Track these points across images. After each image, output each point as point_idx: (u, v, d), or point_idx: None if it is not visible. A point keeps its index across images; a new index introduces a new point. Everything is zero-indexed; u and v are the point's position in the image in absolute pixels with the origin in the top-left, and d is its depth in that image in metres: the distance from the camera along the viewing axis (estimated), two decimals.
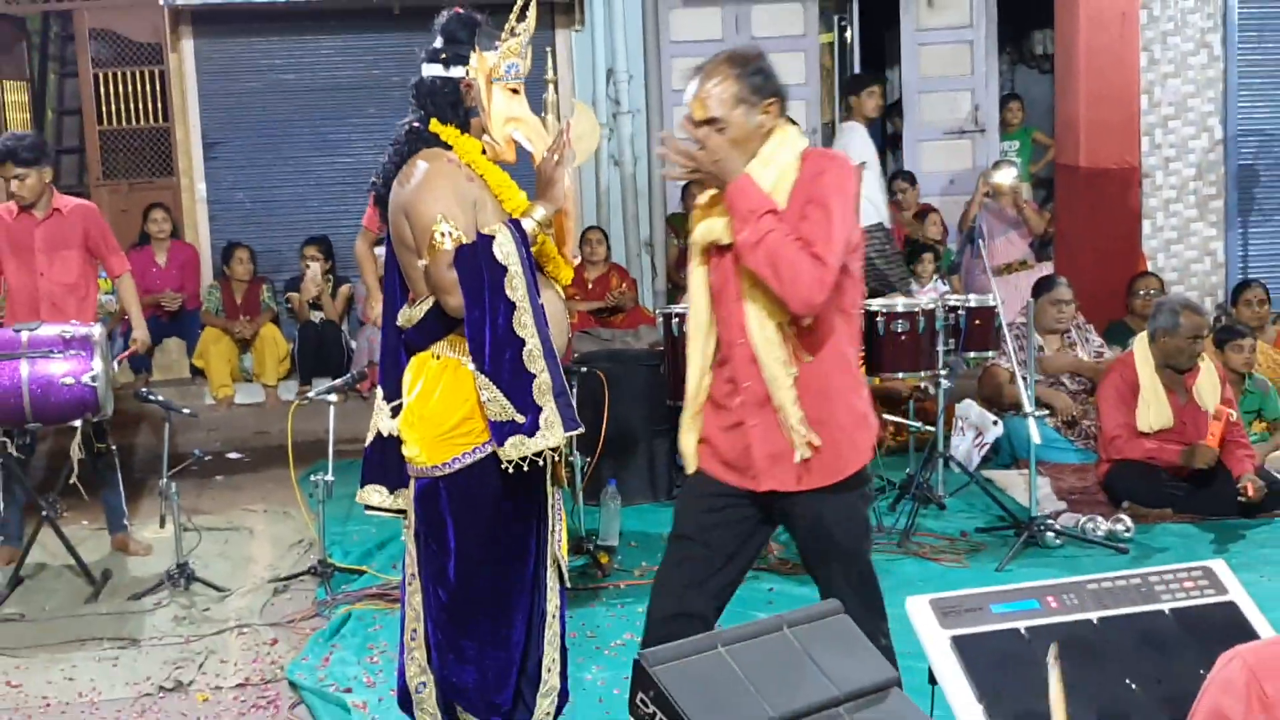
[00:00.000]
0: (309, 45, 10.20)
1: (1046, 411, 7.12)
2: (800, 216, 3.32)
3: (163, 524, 6.19)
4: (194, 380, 9.29)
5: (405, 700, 4.10)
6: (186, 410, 6.59)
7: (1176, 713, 1.49)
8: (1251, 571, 5.33)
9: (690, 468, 3.72)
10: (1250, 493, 6.39)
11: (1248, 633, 2.18)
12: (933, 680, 2.09)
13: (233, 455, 6.91)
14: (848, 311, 3.52)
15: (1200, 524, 6.45)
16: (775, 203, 3.34)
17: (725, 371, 3.53)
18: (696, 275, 3.61)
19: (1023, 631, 2.10)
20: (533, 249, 3.77)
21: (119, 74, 10.42)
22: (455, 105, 3.89)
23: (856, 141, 8.92)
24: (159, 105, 10.31)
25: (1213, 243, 10.70)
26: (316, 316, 9.30)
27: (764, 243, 3.28)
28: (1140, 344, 6.75)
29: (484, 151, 3.89)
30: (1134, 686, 1.92)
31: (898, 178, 10.53)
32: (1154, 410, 6.61)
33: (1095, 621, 2.19)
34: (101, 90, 10.41)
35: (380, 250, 5.48)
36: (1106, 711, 1.99)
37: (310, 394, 7.00)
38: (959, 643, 2.11)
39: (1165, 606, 2.23)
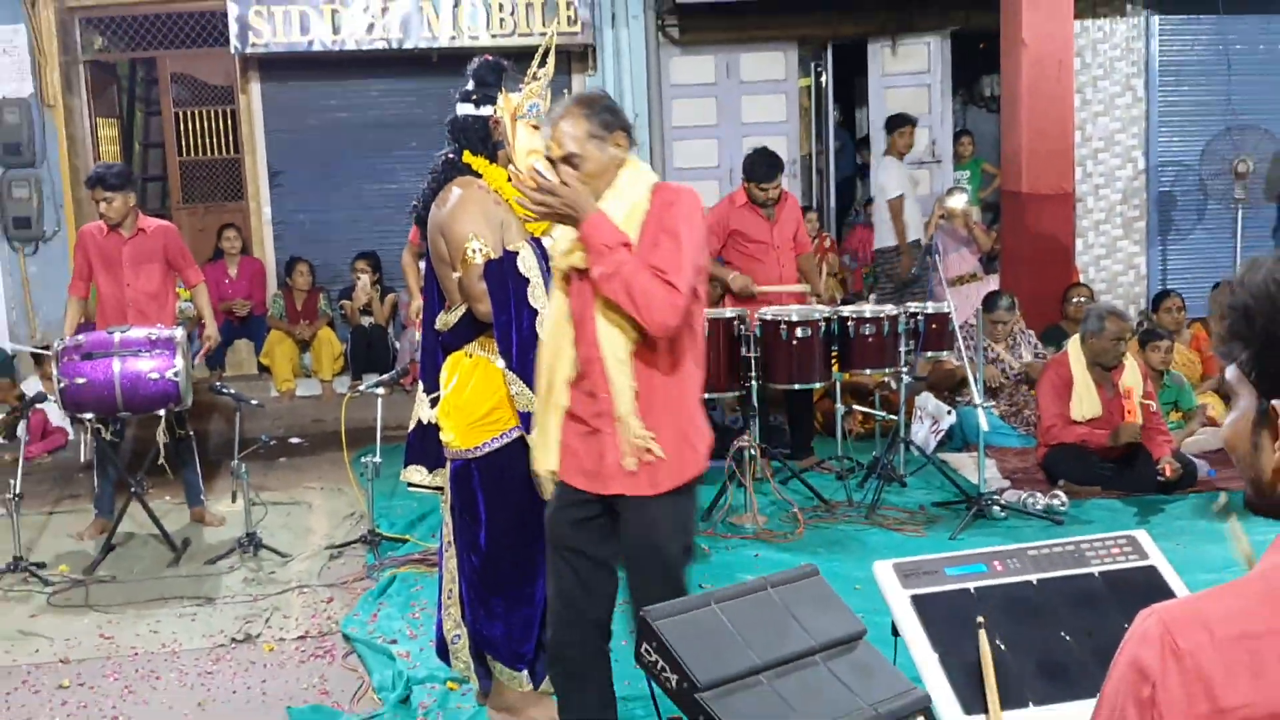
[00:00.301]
0: (360, 88, 10.19)
1: (993, 402, 7.12)
2: (653, 244, 3.18)
3: (234, 499, 6.19)
4: (260, 376, 9.30)
5: (443, 650, 4.12)
6: (254, 401, 6.60)
7: (1103, 661, 1.48)
8: (1169, 540, 5.31)
9: (548, 488, 3.40)
10: (1168, 473, 6.39)
11: (1165, 593, 2.17)
12: (895, 633, 2.08)
13: (294, 440, 6.92)
14: (695, 330, 3.34)
15: (1125, 499, 6.43)
16: (627, 236, 3.18)
17: (585, 385, 3.28)
18: (556, 297, 3.39)
19: (972, 591, 2.10)
20: (551, 263, 3.79)
21: (196, 112, 10.46)
22: (485, 139, 3.90)
23: (892, 173, 9.13)
24: (231, 139, 10.34)
25: (1136, 258, 10.67)
26: (366, 321, 9.30)
27: (619, 274, 3.12)
28: (1073, 345, 6.75)
29: (510, 179, 3.90)
30: (1067, 638, 1.92)
31: (869, 202, 10.55)
32: (1085, 402, 6.61)
33: (1034, 583, 2.18)
34: (181, 126, 10.44)
35: (422, 262, 5.52)
36: (1044, 660, 1.98)
37: (361, 388, 6.99)
38: (917, 600, 2.11)
39: (1095, 570, 2.22)
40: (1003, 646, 1.97)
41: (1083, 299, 8.38)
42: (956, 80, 10.97)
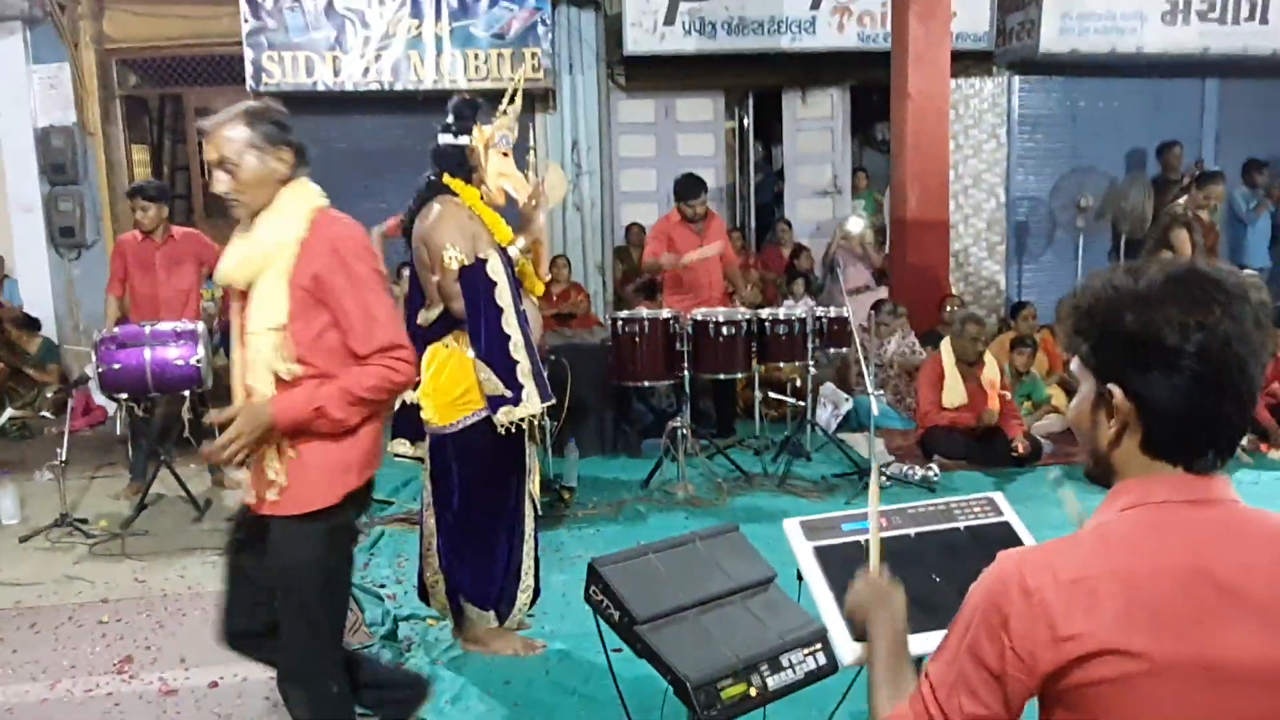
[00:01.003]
0: (355, 122, 10.08)
1: (882, 392, 7.20)
2: (345, 321, 2.66)
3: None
4: None
5: (423, 593, 4.11)
6: None
7: (964, 597, 1.52)
8: (1020, 503, 5.27)
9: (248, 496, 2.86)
10: (1020, 450, 6.51)
11: (1018, 544, 2.20)
12: (800, 578, 2.11)
13: None
14: (343, 357, 2.71)
15: (985, 471, 6.53)
16: (310, 393, 2.64)
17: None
18: (232, 315, 2.89)
19: (862, 543, 2.13)
20: (515, 269, 3.79)
21: None
22: (461, 164, 3.89)
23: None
24: None
25: (997, 275, 10.82)
26: None
27: (343, 403, 2.64)
28: (945, 345, 6.84)
29: (482, 198, 3.90)
30: (937, 580, 1.96)
31: (780, 223, 10.63)
32: (953, 391, 6.71)
33: (912, 536, 2.20)
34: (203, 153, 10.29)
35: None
36: (918, 597, 2.01)
37: None
38: (819, 551, 2.12)
39: (961, 525, 2.26)
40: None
41: (954, 308, 8.48)
42: (855, 125, 11.05)
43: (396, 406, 4.08)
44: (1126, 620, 1.36)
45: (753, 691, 2.36)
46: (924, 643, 1.84)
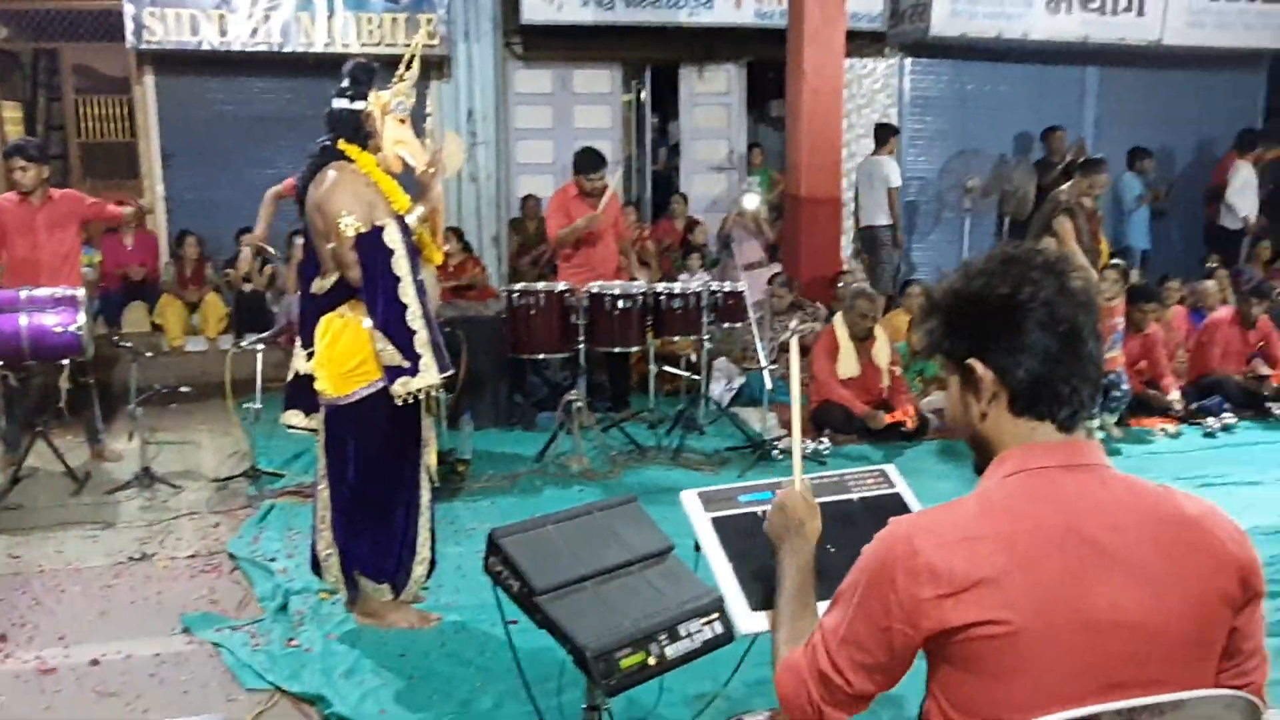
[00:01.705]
0: (244, 84, 9.79)
1: (775, 366, 7.31)
2: None
3: (130, 438, 5.94)
4: (154, 333, 8.90)
5: (316, 566, 4.05)
6: (149, 354, 6.37)
7: None
8: (909, 476, 5.52)
9: None
10: (909, 425, 6.69)
11: (907, 511, 2.30)
12: (698, 548, 2.14)
13: (184, 389, 6.67)
14: None
15: (876, 445, 6.66)
16: None
17: None
18: None
19: (759, 514, 2.16)
20: (413, 238, 3.75)
21: (95, 99, 9.91)
22: (357, 130, 3.82)
23: (893, 169, 9.49)
24: (127, 124, 9.83)
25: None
26: (247, 288, 8.99)
27: None
28: (838, 319, 6.96)
29: (378, 164, 3.85)
30: (831, 549, 2.01)
31: (675, 197, 10.67)
32: (846, 364, 6.83)
33: None
34: (80, 111, 9.88)
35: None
36: (815, 568, 2.08)
37: (242, 344, 6.80)
38: (716, 521, 2.15)
39: (855, 496, 2.31)
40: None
41: (847, 283, 8.64)
42: (751, 102, 11.14)
43: (289, 377, 4.02)
44: (1006, 578, 1.46)
45: (651, 660, 2.39)
46: (822, 610, 1.90)
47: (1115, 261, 7.62)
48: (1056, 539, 1.48)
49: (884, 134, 9.72)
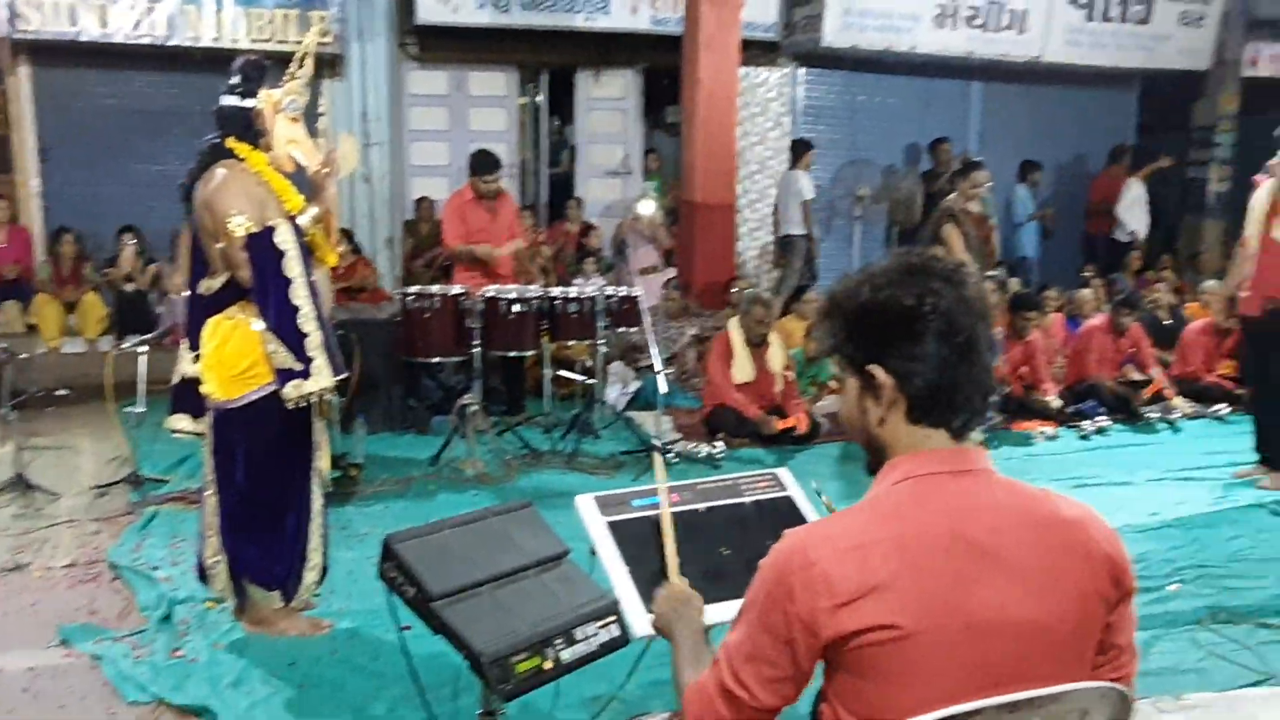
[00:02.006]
0: (126, 77, 9.49)
1: (670, 370, 7.36)
2: None
3: (4, 443, 5.72)
4: (28, 334, 8.56)
5: (202, 574, 3.95)
6: (23, 355, 6.12)
7: (752, 568, 1.61)
8: (800, 479, 5.65)
9: None
10: (801, 429, 6.80)
11: (799, 516, 2.32)
12: (593, 553, 2.16)
13: (61, 392, 6.42)
14: None
15: (768, 449, 6.73)
16: None
17: None
18: None
19: (653, 518, 2.19)
20: (305, 238, 3.69)
21: None
22: (248, 128, 3.74)
23: (806, 182, 9.76)
24: (1, 116, 9.42)
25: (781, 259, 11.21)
26: (129, 287, 8.72)
27: None
28: (733, 323, 7.03)
29: (270, 163, 3.78)
30: (726, 552, 2.04)
31: (570, 201, 10.66)
32: (741, 368, 6.91)
33: (702, 510, 2.26)
34: None
35: None
36: (709, 569, 2.10)
37: (124, 346, 6.58)
38: (612, 525, 2.17)
39: (748, 499, 2.34)
40: (680, 560, 2.09)
41: (740, 289, 8.74)
42: (646, 107, 11.21)
43: (175, 380, 3.91)
44: (896, 583, 1.49)
45: (547, 665, 2.39)
46: (716, 613, 1.93)
47: (991, 273, 7.87)
48: (943, 544, 1.52)
49: (799, 149, 9.95)
